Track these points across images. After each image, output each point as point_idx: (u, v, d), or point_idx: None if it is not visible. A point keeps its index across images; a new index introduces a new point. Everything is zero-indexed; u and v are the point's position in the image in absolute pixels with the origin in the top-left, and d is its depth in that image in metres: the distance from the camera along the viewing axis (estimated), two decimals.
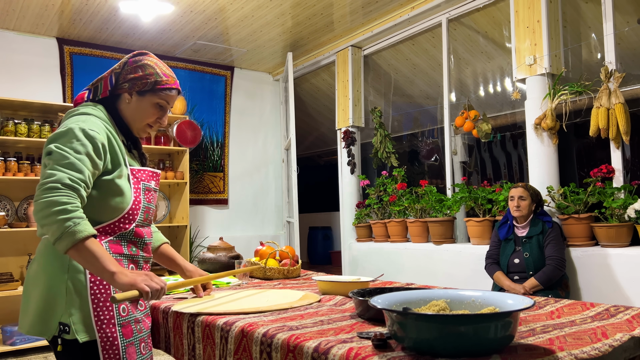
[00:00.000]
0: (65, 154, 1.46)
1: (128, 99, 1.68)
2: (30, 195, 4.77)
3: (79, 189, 1.45)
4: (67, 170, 1.44)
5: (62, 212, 1.38)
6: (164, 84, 1.69)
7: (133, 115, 1.70)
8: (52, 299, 1.51)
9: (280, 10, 4.77)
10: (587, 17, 3.98)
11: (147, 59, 1.71)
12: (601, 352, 1.06)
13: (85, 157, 1.48)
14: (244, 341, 1.40)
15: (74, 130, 1.50)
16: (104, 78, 1.71)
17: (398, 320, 1.08)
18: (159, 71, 1.70)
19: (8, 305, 4.56)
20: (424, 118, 5.44)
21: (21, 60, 5.06)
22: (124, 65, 1.70)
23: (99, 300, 1.52)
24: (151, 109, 1.69)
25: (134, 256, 1.65)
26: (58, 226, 1.38)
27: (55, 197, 1.39)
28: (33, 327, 1.54)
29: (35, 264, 1.60)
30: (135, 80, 1.67)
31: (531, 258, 3.33)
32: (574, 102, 3.58)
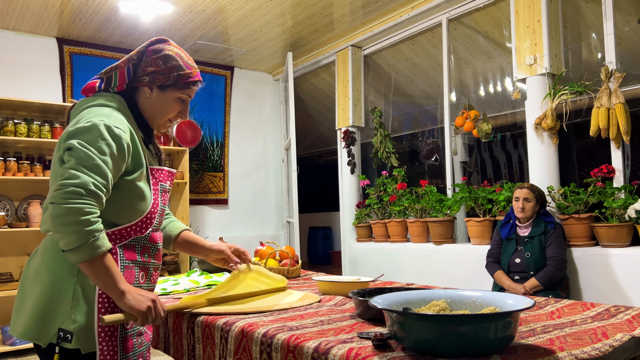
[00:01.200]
0: (90, 153, 1.34)
1: (148, 93, 1.55)
2: (30, 195, 4.77)
3: (101, 197, 1.35)
4: (92, 173, 1.33)
5: (85, 224, 1.29)
6: (188, 77, 1.56)
7: (153, 111, 1.57)
8: (54, 301, 1.39)
9: (280, 10, 4.76)
10: (588, 17, 3.98)
11: (168, 48, 1.56)
12: (601, 352, 1.06)
13: (110, 160, 1.37)
14: (244, 341, 1.40)
15: (99, 127, 1.38)
16: (120, 68, 1.55)
17: (398, 321, 1.07)
18: (181, 63, 1.56)
19: (8, 305, 4.55)
20: (424, 118, 5.44)
21: (21, 60, 5.06)
22: (142, 55, 1.55)
23: (106, 309, 1.41)
24: (173, 104, 1.58)
25: (146, 263, 1.55)
26: (78, 237, 1.28)
27: (78, 205, 1.29)
28: (28, 331, 1.41)
29: (38, 261, 1.46)
30: (156, 74, 1.53)
31: (532, 258, 3.33)
32: (574, 102, 3.58)
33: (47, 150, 4.87)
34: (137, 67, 1.54)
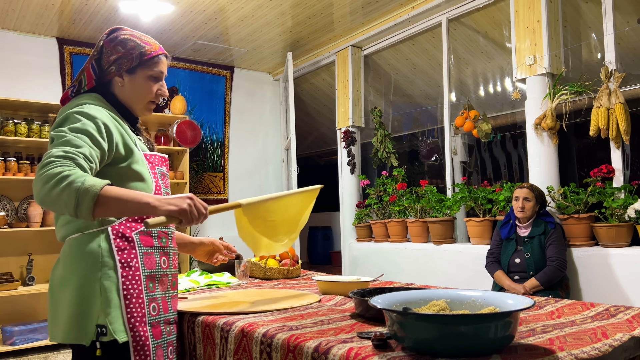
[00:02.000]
0: (61, 134, 1.37)
1: (120, 81, 1.57)
2: (30, 195, 4.77)
3: (76, 158, 1.31)
4: (62, 146, 1.33)
5: (62, 180, 1.25)
6: (150, 52, 1.58)
7: (131, 97, 1.59)
8: (86, 300, 1.41)
9: (280, 10, 4.77)
10: (587, 17, 3.98)
11: (123, 34, 1.58)
12: (601, 352, 1.06)
13: (84, 135, 1.37)
14: (244, 341, 1.40)
15: (73, 114, 1.43)
16: (85, 69, 1.58)
17: (398, 320, 1.08)
18: (139, 42, 1.57)
19: (8, 305, 4.56)
20: (424, 118, 5.44)
21: (21, 60, 5.06)
22: (101, 48, 1.57)
23: (131, 296, 1.43)
24: (147, 84, 1.59)
25: (164, 248, 1.57)
26: (67, 194, 1.24)
27: (47, 172, 1.26)
28: (68, 334, 1.42)
29: (61, 268, 1.49)
30: (120, 60, 1.55)
31: (532, 258, 3.33)
32: (574, 102, 3.58)
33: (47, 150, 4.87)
34: (101, 61, 1.57)
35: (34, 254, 4.70)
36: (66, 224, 1.49)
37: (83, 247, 1.44)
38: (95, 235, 1.45)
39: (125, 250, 1.46)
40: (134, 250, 1.47)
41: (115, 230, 1.47)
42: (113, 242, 1.45)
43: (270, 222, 1.71)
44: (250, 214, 1.63)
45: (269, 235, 1.73)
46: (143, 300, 1.45)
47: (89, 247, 1.44)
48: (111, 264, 1.43)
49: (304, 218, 1.83)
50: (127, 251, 1.46)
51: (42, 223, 4.55)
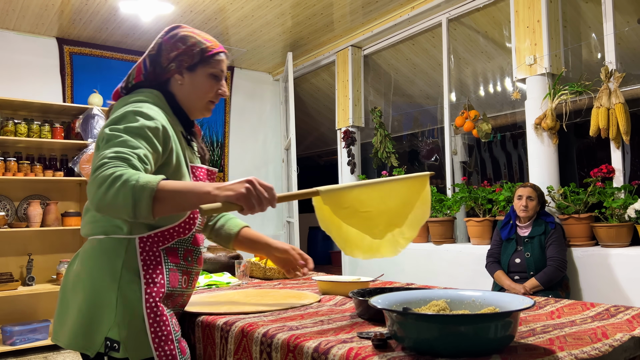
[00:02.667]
0: (117, 133, 1.28)
1: (180, 79, 1.49)
2: (30, 195, 4.77)
3: (130, 159, 1.23)
4: (116, 147, 1.24)
5: (115, 180, 1.16)
6: (211, 49, 1.50)
7: (191, 95, 1.51)
8: (98, 309, 1.32)
9: (280, 10, 4.76)
10: (587, 17, 3.98)
11: (183, 31, 1.51)
12: (601, 352, 1.06)
13: (141, 138, 1.29)
14: (244, 341, 1.40)
15: (130, 113, 1.34)
16: (137, 64, 1.52)
17: (398, 320, 1.07)
18: (200, 39, 1.50)
19: (8, 305, 4.56)
20: (424, 118, 5.44)
21: (21, 60, 5.06)
22: (160, 46, 1.50)
23: (155, 314, 1.33)
24: (208, 82, 1.51)
25: (188, 267, 1.48)
26: (123, 195, 1.16)
27: (101, 174, 1.18)
28: (74, 341, 1.34)
29: (79, 266, 1.40)
30: (181, 57, 1.48)
31: (532, 258, 3.33)
32: (574, 102, 3.58)
33: (47, 150, 4.87)
34: (159, 58, 1.50)
35: (34, 254, 4.70)
36: (93, 222, 1.42)
37: (106, 251, 1.37)
38: (121, 243, 1.37)
39: (151, 265, 1.37)
40: (160, 266, 1.39)
41: (142, 243, 1.38)
42: (139, 254, 1.37)
43: (364, 213, 1.46)
44: (332, 203, 1.41)
45: (364, 228, 1.47)
46: (167, 317, 1.36)
47: (113, 253, 1.36)
48: (133, 278, 1.34)
49: (417, 211, 1.53)
50: (152, 266, 1.37)
51: (42, 223, 4.55)
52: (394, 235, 1.52)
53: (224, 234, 1.74)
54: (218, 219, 1.78)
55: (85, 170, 4.61)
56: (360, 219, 1.46)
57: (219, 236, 1.76)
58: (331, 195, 1.40)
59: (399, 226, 1.52)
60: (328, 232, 1.48)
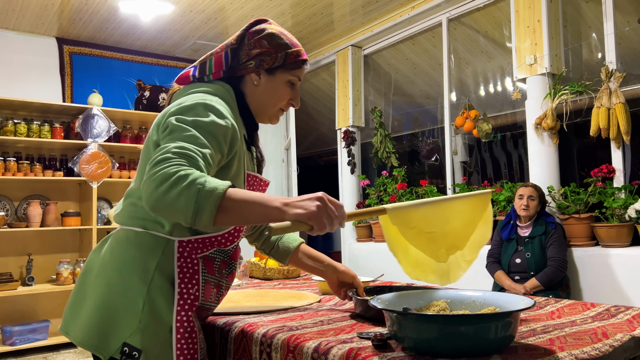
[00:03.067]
0: (184, 126, 1.17)
1: (256, 80, 1.37)
2: (30, 195, 4.77)
3: (195, 158, 1.11)
4: (182, 142, 1.13)
5: (178, 182, 1.04)
6: (296, 55, 1.38)
7: (263, 99, 1.39)
8: (120, 310, 1.21)
9: (280, 9, 4.76)
10: (588, 17, 3.98)
11: (271, 28, 1.38)
12: (601, 352, 1.05)
13: (210, 136, 1.18)
14: (243, 341, 1.40)
15: (200, 105, 1.22)
16: (216, 54, 1.38)
17: (398, 321, 1.07)
18: (287, 41, 1.38)
19: (7, 305, 4.55)
20: (424, 118, 5.44)
21: (21, 60, 5.06)
22: (243, 38, 1.38)
23: (185, 329, 1.22)
24: (284, 89, 1.39)
25: (220, 281, 1.36)
26: (186, 198, 1.04)
27: (163, 170, 1.06)
28: (87, 338, 1.22)
29: (107, 255, 1.28)
30: (262, 56, 1.36)
31: (533, 258, 3.33)
32: (574, 101, 3.58)
33: (46, 150, 4.87)
34: (239, 52, 1.38)
35: (34, 254, 4.69)
36: (133, 212, 1.30)
37: (141, 248, 1.25)
38: (159, 242, 1.26)
39: (187, 273, 1.26)
40: (196, 276, 1.27)
41: (181, 247, 1.26)
42: (176, 259, 1.25)
43: (428, 234, 1.34)
44: (399, 222, 1.29)
45: (428, 251, 1.35)
46: (197, 334, 1.25)
47: (148, 252, 1.25)
48: (165, 284, 1.23)
49: (479, 232, 1.40)
50: (189, 275, 1.26)
51: (42, 223, 4.55)
52: (456, 258, 1.41)
53: (282, 248, 1.64)
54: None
55: (85, 170, 4.60)
56: (425, 241, 1.34)
57: (275, 249, 1.65)
58: (398, 214, 1.29)
59: (460, 248, 1.40)
60: (394, 254, 1.36)
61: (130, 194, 1.33)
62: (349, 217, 1.20)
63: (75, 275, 4.59)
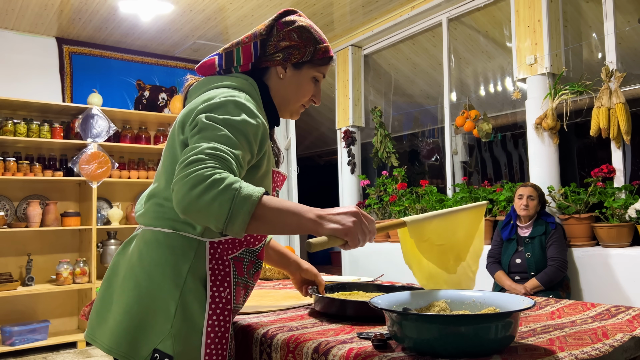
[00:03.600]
0: (216, 125, 1.12)
1: (282, 73, 1.33)
2: (30, 195, 4.76)
3: (229, 160, 1.08)
4: (214, 142, 1.09)
5: (213, 186, 1.01)
6: (325, 51, 1.34)
7: (287, 94, 1.35)
8: (151, 315, 1.16)
9: (280, 9, 4.76)
10: (588, 17, 3.98)
11: (301, 20, 1.34)
12: (602, 352, 1.05)
13: (241, 136, 1.14)
14: (244, 341, 1.39)
15: (231, 102, 1.18)
16: (244, 44, 1.32)
17: (398, 321, 1.07)
18: (316, 36, 1.34)
19: (7, 305, 4.55)
20: (425, 118, 5.44)
21: (20, 59, 5.06)
22: (272, 29, 1.33)
23: (216, 334, 1.18)
24: (308, 85, 1.35)
25: (248, 281, 1.33)
26: (219, 204, 1.01)
27: (198, 172, 1.03)
28: (115, 345, 1.17)
29: (135, 258, 1.22)
30: (291, 50, 1.31)
31: (533, 258, 3.33)
32: (574, 101, 3.58)
33: (46, 150, 4.87)
34: (267, 43, 1.33)
35: (33, 254, 4.69)
36: (160, 212, 1.25)
37: (173, 250, 1.20)
38: (190, 244, 1.22)
39: (219, 276, 1.22)
40: (228, 278, 1.23)
41: (212, 248, 1.22)
42: (208, 261, 1.22)
43: (438, 246, 1.38)
44: (416, 235, 1.31)
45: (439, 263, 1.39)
46: (227, 340, 1.20)
47: (180, 255, 1.20)
48: (198, 287, 1.19)
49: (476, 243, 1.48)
50: (220, 277, 1.22)
51: (42, 223, 4.55)
52: (464, 269, 1.45)
53: None
54: None
55: (85, 170, 4.60)
56: (437, 253, 1.38)
57: None
58: (416, 227, 1.31)
59: (464, 260, 1.45)
60: (410, 266, 1.39)
61: (154, 194, 1.28)
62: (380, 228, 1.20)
63: (75, 275, 4.59)
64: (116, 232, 4.97)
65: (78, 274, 4.59)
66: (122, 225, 4.96)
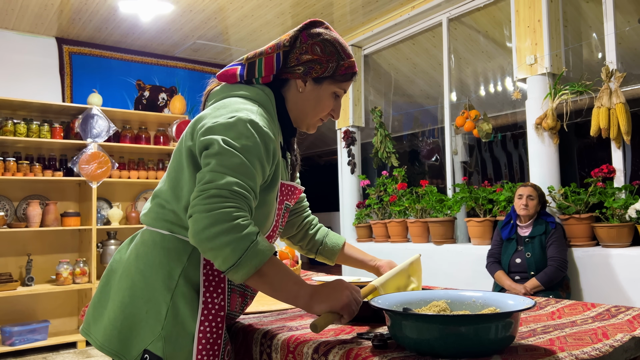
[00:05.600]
0: (234, 151, 1.12)
1: (301, 87, 1.31)
2: (30, 195, 4.76)
3: (250, 199, 1.11)
4: (237, 173, 1.10)
5: (236, 229, 1.05)
6: (348, 68, 1.31)
7: (305, 108, 1.33)
8: (143, 314, 1.18)
9: (280, 9, 4.76)
10: (588, 17, 3.98)
11: (327, 34, 1.30)
12: (602, 352, 1.05)
13: (257, 161, 1.15)
14: (244, 341, 1.39)
15: (245, 124, 1.16)
16: (267, 54, 1.29)
17: (398, 321, 1.07)
18: (341, 52, 1.30)
19: (7, 305, 4.55)
20: (425, 118, 5.44)
21: (20, 59, 5.06)
22: (296, 40, 1.30)
23: (207, 340, 1.18)
24: (328, 100, 1.33)
25: (246, 290, 1.32)
26: (233, 249, 1.04)
27: (224, 210, 1.05)
28: (107, 342, 1.19)
29: (132, 257, 1.24)
30: (312, 64, 1.28)
31: (533, 258, 3.33)
32: (574, 101, 3.58)
33: (46, 150, 4.87)
34: (289, 54, 1.30)
35: (33, 254, 4.69)
36: (161, 213, 1.26)
37: (167, 252, 1.22)
38: (185, 247, 1.23)
39: (213, 282, 1.22)
40: (222, 284, 1.24)
41: None
42: (202, 267, 1.22)
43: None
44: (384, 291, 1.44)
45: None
46: (220, 346, 1.20)
47: (174, 257, 1.21)
48: (190, 292, 1.20)
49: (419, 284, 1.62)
50: (214, 283, 1.22)
51: (41, 223, 4.54)
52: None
53: (329, 246, 1.61)
54: (316, 231, 1.63)
55: (85, 170, 4.60)
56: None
57: (323, 247, 1.62)
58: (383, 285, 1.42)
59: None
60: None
61: (158, 195, 1.29)
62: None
63: (74, 275, 4.58)
64: (116, 232, 4.97)
65: (78, 274, 4.59)
66: (122, 225, 4.95)
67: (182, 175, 1.22)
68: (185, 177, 1.21)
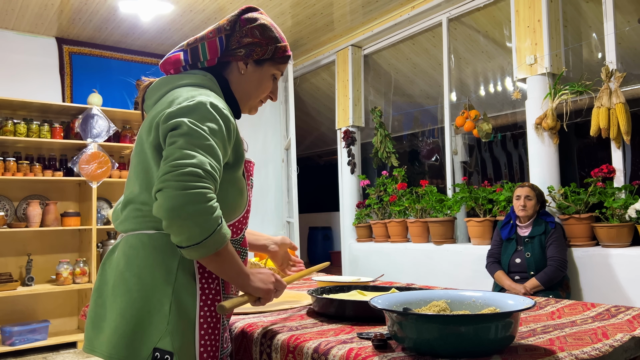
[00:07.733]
0: (201, 132, 1.15)
1: (243, 68, 1.36)
2: (30, 195, 4.76)
3: (217, 181, 1.16)
4: (207, 154, 1.14)
5: (209, 211, 1.09)
6: (284, 50, 1.39)
7: (248, 89, 1.39)
8: (146, 315, 1.18)
9: (280, 9, 4.76)
10: (588, 17, 3.98)
11: (263, 18, 1.37)
12: (602, 352, 1.05)
13: (221, 143, 1.19)
14: (244, 341, 1.39)
15: (206, 106, 1.19)
16: (209, 39, 1.34)
17: (398, 321, 1.07)
18: (277, 35, 1.38)
19: (7, 305, 4.55)
20: (425, 118, 5.44)
21: (20, 59, 5.05)
22: (235, 24, 1.35)
23: (209, 325, 1.21)
24: (267, 81, 1.40)
25: None
26: (203, 229, 1.09)
27: (199, 190, 1.08)
28: (114, 351, 1.18)
29: (122, 265, 1.24)
30: (254, 47, 1.34)
31: (533, 258, 3.33)
32: (574, 101, 3.58)
33: (46, 150, 4.87)
34: (230, 38, 1.35)
35: (33, 254, 4.69)
36: (140, 216, 1.26)
37: (160, 249, 1.22)
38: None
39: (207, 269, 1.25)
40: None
41: None
42: None
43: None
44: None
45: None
46: (219, 331, 1.23)
47: (168, 252, 1.22)
48: (189, 280, 1.21)
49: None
50: (208, 270, 1.24)
51: (42, 223, 4.54)
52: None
53: None
54: None
55: (85, 170, 4.60)
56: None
57: None
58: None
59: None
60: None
61: (131, 201, 1.29)
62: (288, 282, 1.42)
63: (75, 275, 4.58)
64: (116, 232, 4.97)
65: (78, 274, 4.59)
66: None
67: (153, 173, 1.22)
68: (156, 174, 1.21)
